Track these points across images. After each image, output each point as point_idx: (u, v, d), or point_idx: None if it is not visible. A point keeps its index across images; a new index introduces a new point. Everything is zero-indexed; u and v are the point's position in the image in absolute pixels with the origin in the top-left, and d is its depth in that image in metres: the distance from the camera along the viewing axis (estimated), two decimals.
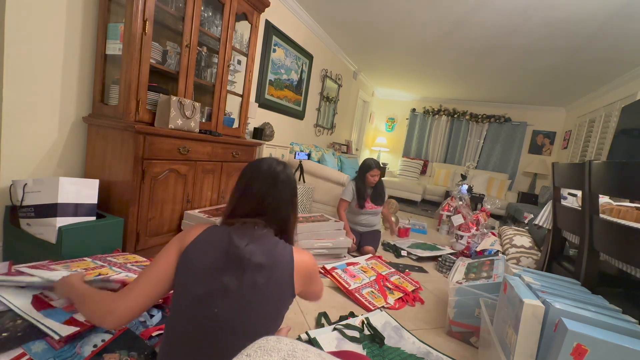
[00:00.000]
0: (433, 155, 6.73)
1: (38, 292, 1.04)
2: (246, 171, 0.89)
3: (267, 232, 0.84)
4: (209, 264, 0.76)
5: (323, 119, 4.78)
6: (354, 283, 1.86)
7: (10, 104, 1.42)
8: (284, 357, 0.40)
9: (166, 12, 1.76)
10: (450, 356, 1.37)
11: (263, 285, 0.76)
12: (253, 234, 0.81)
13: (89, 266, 1.18)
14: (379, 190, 2.71)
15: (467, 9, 2.78)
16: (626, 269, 1.11)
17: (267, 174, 0.86)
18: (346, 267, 2.04)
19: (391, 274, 2.09)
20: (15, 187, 1.40)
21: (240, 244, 0.77)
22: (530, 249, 2.54)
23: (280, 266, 0.80)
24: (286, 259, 0.81)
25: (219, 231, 0.81)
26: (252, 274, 0.76)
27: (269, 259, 0.78)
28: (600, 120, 4.11)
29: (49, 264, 1.16)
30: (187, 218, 1.84)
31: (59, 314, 0.96)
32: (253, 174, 0.87)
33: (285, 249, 0.83)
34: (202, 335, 0.74)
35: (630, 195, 1.05)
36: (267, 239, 0.82)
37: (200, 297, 0.74)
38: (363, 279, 1.93)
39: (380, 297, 1.78)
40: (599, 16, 2.54)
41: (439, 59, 4.21)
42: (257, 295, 0.76)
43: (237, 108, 2.51)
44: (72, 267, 1.13)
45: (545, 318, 0.89)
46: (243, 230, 0.81)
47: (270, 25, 3.13)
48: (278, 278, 0.79)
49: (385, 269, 2.13)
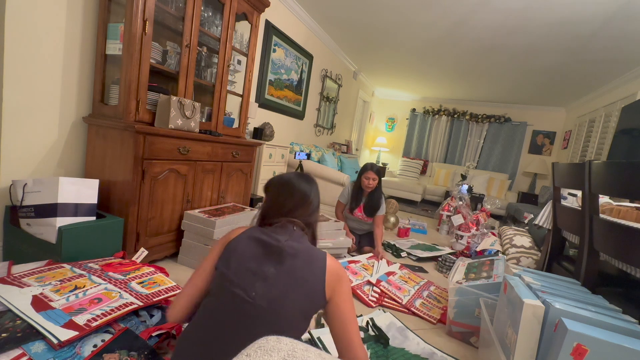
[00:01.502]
0: (433, 155, 6.73)
1: (38, 292, 1.04)
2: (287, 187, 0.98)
3: (301, 233, 0.91)
4: (250, 254, 0.83)
5: (323, 119, 4.78)
6: (404, 296, 1.82)
7: (11, 104, 1.42)
8: (284, 357, 0.40)
9: (166, 12, 1.76)
10: (454, 357, 1.37)
11: (299, 277, 0.81)
12: (292, 232, 0.88)
13: (66, 275, 1.17)
14: (373, 202, 2.51)
15: (467, 9, 2.78)
16: (626, 269, 1.11)
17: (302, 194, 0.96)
18: (388, 278, 1.99)
19: (428, 284, 2.08)
20: (15, 187, 1.40)
21: (281, 239, 0.85)
22: (530, 249, 2.54)
23: (315, 262, 0.85)
24: (321, 258, 0.87)
25: (258, 231, 0.89)
26: (290, 264, 0.82)
27: (304, 255, 0.84)
28: (600, 120, 4.11)
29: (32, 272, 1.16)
30: (187, 218, 1.84)
31: (59, 316, 0.96)
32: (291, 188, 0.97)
33: (319, 251, 0.89)
34: (236, 319, 0.77)
35: (630, 195, 1.05)
36: (303, 239, 0.90)
37: (241, 281, 0.79)
38: (410, 290, 1.90)
39: (435, 309, 1.76)
40: (599, 16, 2.54)
41: (439, 59, 4.21)
42: (292, 286, 0.80)
43: (237, 108, 2.51)
44: (47, 279, 1.12)
45: (545, 318, 0.89)
46: (281, 228, 0.89)
47: (270, 25, 3.13)
48: (312, 272, 0.84)
49: (420, 280, 2.12)
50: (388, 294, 1.81)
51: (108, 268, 1.31)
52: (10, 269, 1.21)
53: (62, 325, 0.93)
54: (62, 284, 1.11)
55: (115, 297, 1.12)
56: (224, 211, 1.98)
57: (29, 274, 1.15)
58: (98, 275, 1.23)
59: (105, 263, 1.35)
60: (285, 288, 0.79)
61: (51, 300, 1.02)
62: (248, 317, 0.77)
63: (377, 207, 2.52)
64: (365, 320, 1.51)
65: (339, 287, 0.86)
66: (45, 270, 1.19)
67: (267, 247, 0.84)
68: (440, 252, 2.79)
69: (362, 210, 2.55)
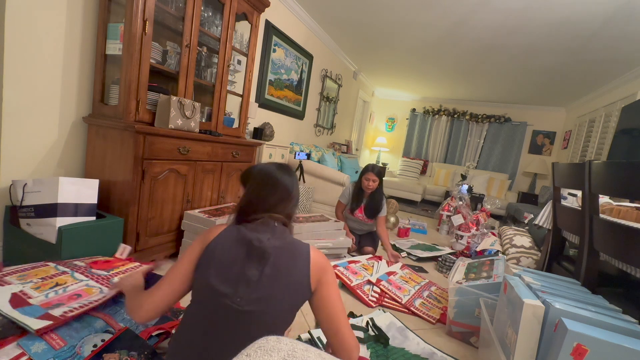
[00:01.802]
0: (433, 155, 6.73)
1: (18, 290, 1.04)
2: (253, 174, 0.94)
3: (282, 227, 0.88)
4: (232, 258, 0.80)
5: (323, 119, 4.78)
6: (404, 296, 1.82)
7: (11, 104, 1.42)
8: (284, 357, 0.40)
9: (166, 12, 1.76)
10: (454, 357, 1.37)
11: (284, 274, 0.80)
12: (274, 229, 0.85)
13: (48, 273, 1.17)
14: (374, 203, 2.49)
15: (467, 9, 2.78)
16: (626, 269, 1.11)
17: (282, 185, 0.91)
18: (388, 277, 1.99)
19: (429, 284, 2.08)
20: (15, 187, 1.40)
21: (263, 238, 0.81)
22: (530, 249, 2.54)
23: (299, 256, 0.84)
24: (304, 251, 0.85)
25: (239, 228, 0.85)
26: (273, 265, 0.80)
27: (288, 250, 0.83)
28: (600, 120, 4.11)
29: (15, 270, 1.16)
30: (187, 218, 1.84)
31: (35, 311, 0.95)
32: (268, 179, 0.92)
33: (302, 243, 0.88)
34: (223, 325, 0.76)
35: (630, 195, 1.05)
36: (285, 234, 0.87)
37: (224, 288, 0.77)
38: (410, 290, 1.90)
39: (435, 309, 1.76)
40: (599, 16, 2.54)
41: (439, 59, 4.21)
42: (277, 284, 0.79)
43: (237, 108, 2.51)
44: (29, 277, 1.12)
45: (545, 318, 0.89)
46: (262, 226, 0.85)
47: (270, 25, 3.13)
48: (297, 267, 0.83)
49: (422, 280, 2.12)
50: (388, 294, 1.81)
51: (94, 265, 1.30)
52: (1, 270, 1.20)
53: (38, 317, 0.92)
54: (43, 282, 1.11)
55: (96, 292, 1.12)
56: (224, 211, 1.98)
57: (12, 272, 1.15)
58: (81, 272, 1.22)
59: (92, 261, 1.35)
60: (271, 288, 0.78)
61: (30, 297, 1.01)
62: (237, 321, 0.76)
63: (378, 209, 2.52)
64: (365, 320, 1.51)
65: (324, 277, 0.86)
66: (29, 269, 1.19)
67: (249, 248, 0.80)
68: (440, 252, 2.79)
69: (362, 212, 2.54)
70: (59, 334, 0.92)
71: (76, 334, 0.95)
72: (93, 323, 1.01)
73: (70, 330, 0.95)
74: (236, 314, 0.76)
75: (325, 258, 0.89)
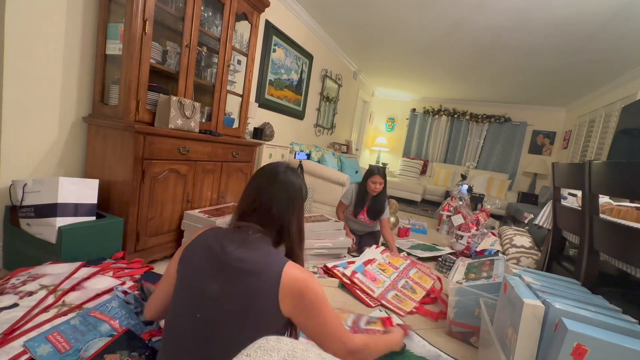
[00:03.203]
0: (433, 155, 6.73)
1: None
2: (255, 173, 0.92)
3: (260, 237, 0.78)
4: (197, 268, 0.75)
5: (323, 119, 4.78)
6: (377, 288, 1.79)
7: (11, 104, 1.42)
8: (284, 357, 0.40)
9: (166, 12, 1.76)
10: (454, 357, 1.37)
11: (245, 296, 0.69)
12: (245, 238, 0.75)
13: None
14: (378, 205, 2.48)
15: (467, 9, 2.78)
16: (626, 269, 1.11)
17: (268, 173, 0.86)
18: (365, 268, 1.94)
19: (409, 266, 2.05)
20: (15, 187, 1.40)
21: (229, 249, 0.73)
22: (530, 249, 2.54)
23: (265, 276, 0.71)
24: (275, 270, 0.71)
25: (214, 234, 0.79)
26: (234, 281, 0.70)
27: (254, 267, 0.71)
28: (600, 120, 4.11)
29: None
30: (187, 218, 1.84)
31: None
32: (257, 172, 0.90)
33: (278, 259, 0.74)
34: (190, 339, 0.73)
35: (630, 195, 1.05)
36: (259, 246, 0.76)
37: (187, 301, 0.74)
38: (385, 281, 1.86)
39: (407, 300, 1.74)
40: (599, 17, 2.54)
41: (440, 59, 4.21)
42: (237, 305, 0.70)
43: (237, 108, 2.51)
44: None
45: (545, 318, 0.89)
46: (236, 233, 0.77)
47: (270, 25, 3.13)
48: (262, 289, 0.70)
49: (402, 261, 2.08)
50: (359, 286, 1.77)
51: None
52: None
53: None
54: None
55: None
56: (223, 211, 1.98)
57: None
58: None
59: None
60: (229, 307, 0.69)
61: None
62: (199, 338, 0.72)
63: (382, 211, 2.50)
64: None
65: (300, 303, 0.71)
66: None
67: (211, 258, 0.73)
68: (440, 252, 2.79)
69: (365, 214, 2.53)
70: (65, 337, 0.92)
71: (82, 337, 0.95)
72: (98, 327, 1.01)
73: (76, 333, 0.95)
74: (200, 330, 0.71)
75: (305, 278, 0.73)
